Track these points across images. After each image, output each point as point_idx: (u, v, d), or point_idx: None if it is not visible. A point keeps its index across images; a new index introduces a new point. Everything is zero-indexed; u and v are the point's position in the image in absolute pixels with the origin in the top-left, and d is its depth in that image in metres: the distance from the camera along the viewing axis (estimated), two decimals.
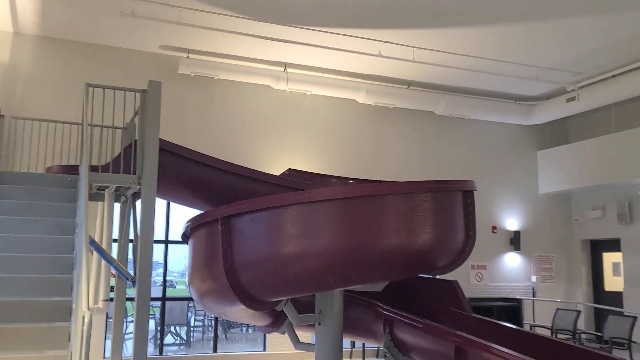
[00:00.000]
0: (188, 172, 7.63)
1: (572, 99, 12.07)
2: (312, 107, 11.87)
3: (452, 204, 6.63)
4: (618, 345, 9.37)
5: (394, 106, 12.20)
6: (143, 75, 9.48)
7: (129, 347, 10.83)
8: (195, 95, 11.03)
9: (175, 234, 10.36)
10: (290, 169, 9.33)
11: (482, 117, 12.99)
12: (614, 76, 11.33)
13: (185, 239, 7.55)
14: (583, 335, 10.91)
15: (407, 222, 6.17)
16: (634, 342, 9.32)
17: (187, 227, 7.11)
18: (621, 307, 11.86)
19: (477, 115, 12.91)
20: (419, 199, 6.21)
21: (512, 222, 13.21)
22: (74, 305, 4.64)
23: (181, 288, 21.86)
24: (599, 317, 12.46)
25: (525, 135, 13.69)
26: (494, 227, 13.02)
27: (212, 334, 10.84)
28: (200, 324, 13.57)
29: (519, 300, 12.45)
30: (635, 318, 9.50)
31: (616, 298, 12.53)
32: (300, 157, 11.49)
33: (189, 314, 12.49)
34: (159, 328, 10.92)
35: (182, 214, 8.89)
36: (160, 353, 10.18)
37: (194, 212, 7.58)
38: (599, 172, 12.19)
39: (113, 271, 7.40)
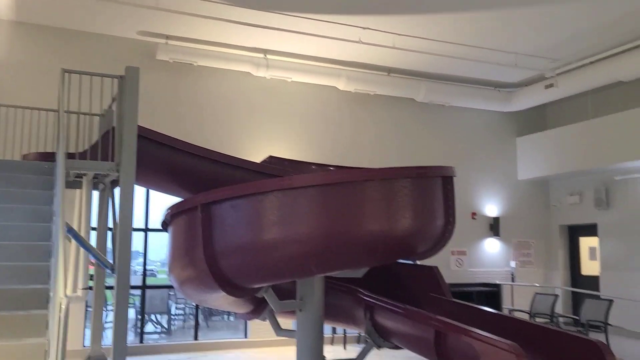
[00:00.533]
0: (167, 160, 7.57)
1: (551, 85, 12.18)
2: (292, 94, 11.82)
3: (431, 189, 6.66)
4: (594, 327, 9.55)
5: (374, 93, 12.20)
6: (121, 61, 9.33)
7: (108, 335, 10.77)
8: (174, 82, 10.92)
9: (155, 221, 10.28)
10: (270, 156, 9.30)
11: (462, 103, 13.05)
12: (591, 63, 11.44)
13: (164, 226, 7.50)
14: (561, 319, 11.09)
15: (387, 208, 6.20)
16: (610, 324, 9.50)
17: (166, 214, 7.06)
18: (597, 290, 12.08)
19: (457, 102, 12.97)
20: (399, 184, 6.24)
21: (491, 208, 13.34)
22: (51, 293, 4.59)
23: (162, 277, 21.76)
24: (576, 301, 12.68)
25: (504, 122, 13.80)
26: (473, 213, 13.14)
27: (193, 322, 10.82)
28: (182, 312, 13.54)
29: (498, 286, 12.62)
30: (611, 301, 9.68)
31: (593, 282, 12.76)
32: (281, 144, 11.45)
33: (170, 302, 12.45)
34: (139, 317, 10.87)
35: (162, 202, 8.81)
36: (141, 341, 10.14)
37: (174, 200, 7.54)
38: (577, 158, 12.35)
39: (92, 260, 7.34)
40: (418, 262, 10.00)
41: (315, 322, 7.71)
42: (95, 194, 7.79)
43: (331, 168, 9.35)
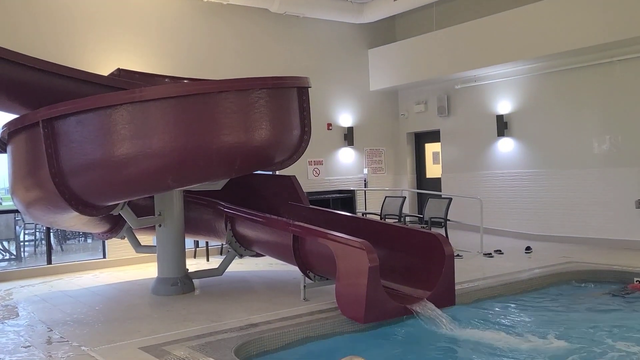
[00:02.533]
0: (1, 73, 6.79)
1: None
2: (141, 3, 11.04)
3: (287, 100, 6.75)
4: (436, 224, 10.55)
5: (227, 2, 11.78)
6: None
7: None
8: None
9: None
10: (119, 69, 8.76)
11: (316, 15, 13.04)
12: None
13: (2, 146, 6.93)
14: (407, 218, 12.07)
15: (244, 119, 6.22)
16: (449, 220, 10.55)
17: (3, 132, 6.52)
18: (439, 191, 13.25)
19: (312, 14, 12.93)
20: (255, 95, 6.26)
21: (346, 118, 13.82)
22: None
23: (8, 204, 20.25)
24: (421, 201, 13.83)
25: (357, 34, 14.08)
26: (329, 124, 13.55)
27: (46, 247, 10.29)
28: (32, 237, 12.80)
29: (352, 192, 13.33)
30: (450, 199, 10.69)
31: (436, 183, 13.94)
32: (131, 57, 10.76)
33: (18, 228, 11.70)
34: None
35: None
36: None
37: (10, 117, 6.91)
38: (422, 68, 13.04)
39: None
40: (276, 172, 10.25)
41: (175, 237, 7.74)
42: None
43: (186, 81, 9.05)
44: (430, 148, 14.41)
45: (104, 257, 10.36)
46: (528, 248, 10.10)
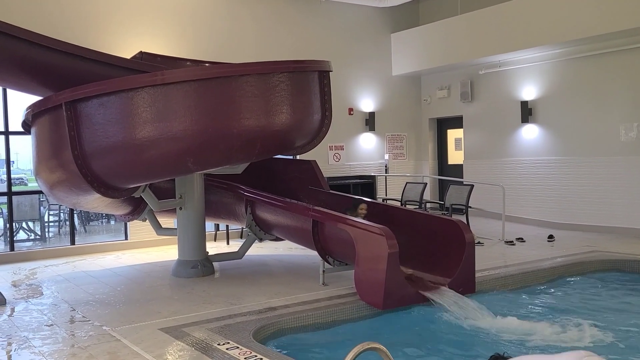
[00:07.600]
0: (26, 56, 6.83)
1: None
2: None
3: (308, 84, 6.71)
4: (458, 211, 10.46)
5: None
6: None
7: None
8: None
9: (18, 124, 9.47)
10: (141, 52, 8.79)
11: None
12: None
13: (26, 127, 7.02)
14: (428, 204, 11.99)
15: (265, 103, 6.20)
16: (470, 207, 10.45)
17: (27, 114, 6.59)
18: (461, 177, 13.12)
19: None
20: (276, 79, 6.23)
21: (367, 103, 13.72)
22: None
23: (33, 185, 20.60)
24: (443, 188, 13.72)
25: (380, 18, 13.92)
26: (350, 109, 13.46)
27: (69, 228, 10.44)
28: (56, 218, 13.01)
29: (373, 177, 13.28)
30: (472, 186, 10.58)
31: (458, 170, 13.81)
32: (153, 40, 10.79)
33: (42, 208, 11.89)
34: (7, 225, 10.30)
35: (24, 101, 8.07)
36: (12, 249, 9.68)
37: (36, 99, 6.97)
38: (446, 53, 12.86)
39: None
40: (297, 157, 10.23)
41: (196, 220, 7.79)
42: None
43: (207, 64, 9.05)
44: (453, 134, 14.26)
45: (126, 238, 10.49)
46: (551, 236, 9.97)
